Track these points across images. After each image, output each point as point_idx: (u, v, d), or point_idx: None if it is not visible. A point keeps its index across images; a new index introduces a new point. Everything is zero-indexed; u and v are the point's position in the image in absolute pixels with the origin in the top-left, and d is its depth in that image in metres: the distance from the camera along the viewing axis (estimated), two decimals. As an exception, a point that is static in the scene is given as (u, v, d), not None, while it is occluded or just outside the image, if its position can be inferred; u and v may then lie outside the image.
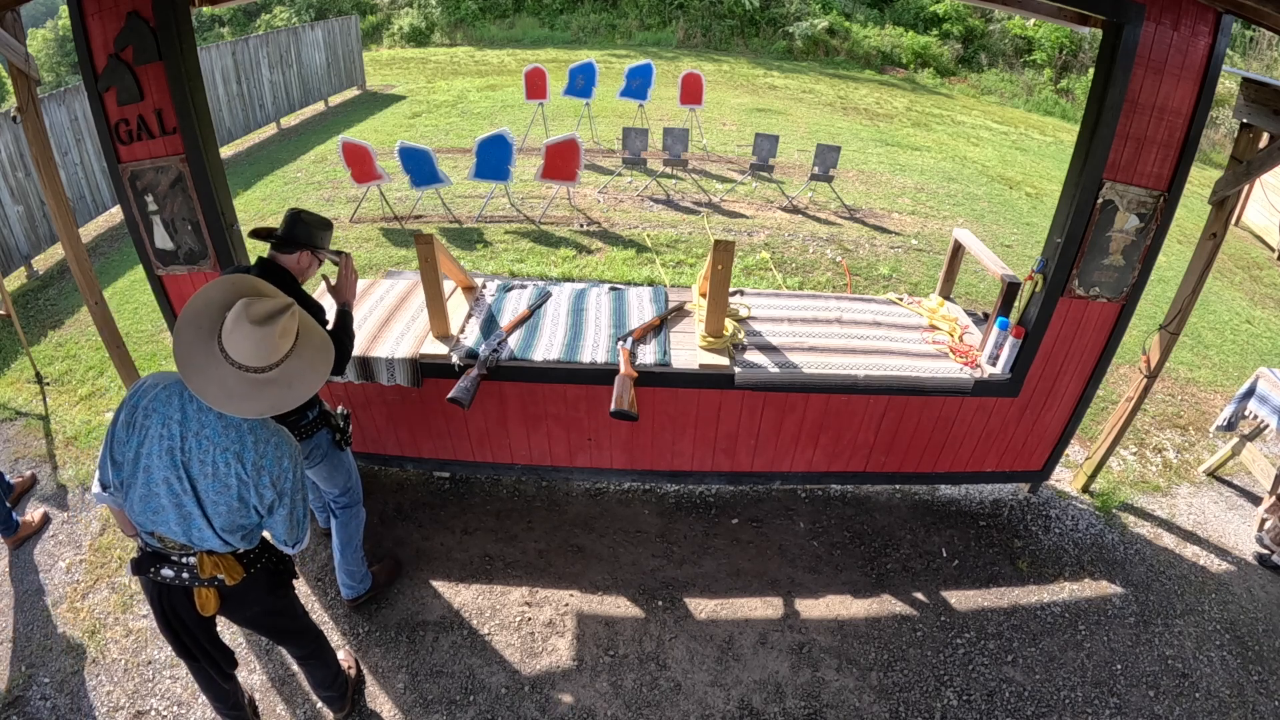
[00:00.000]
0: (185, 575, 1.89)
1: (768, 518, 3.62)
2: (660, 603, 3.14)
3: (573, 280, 5.77)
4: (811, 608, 3.16)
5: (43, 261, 6.18)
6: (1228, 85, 11.14)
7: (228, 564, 1.87)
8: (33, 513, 3.40)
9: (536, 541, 3.41)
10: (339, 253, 2.54)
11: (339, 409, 2.73)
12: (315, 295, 2.51)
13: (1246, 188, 8.03)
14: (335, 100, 11.86)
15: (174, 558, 1.88)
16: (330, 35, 11.52)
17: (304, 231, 2.38)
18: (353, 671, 2.71)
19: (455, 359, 3.07)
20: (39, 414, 4.15)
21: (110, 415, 4.08)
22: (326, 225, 2.49)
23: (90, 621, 2.93)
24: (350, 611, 3.00)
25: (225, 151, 9.25)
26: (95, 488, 1.89)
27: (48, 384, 4.41)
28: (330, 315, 2.52)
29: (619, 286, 3.75)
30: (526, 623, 3.02)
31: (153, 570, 1.90)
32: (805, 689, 2.81)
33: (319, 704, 2.64)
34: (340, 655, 2.72)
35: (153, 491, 1.78)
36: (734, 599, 3.18)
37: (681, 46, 16.54)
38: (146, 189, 2.85)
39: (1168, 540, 3.68)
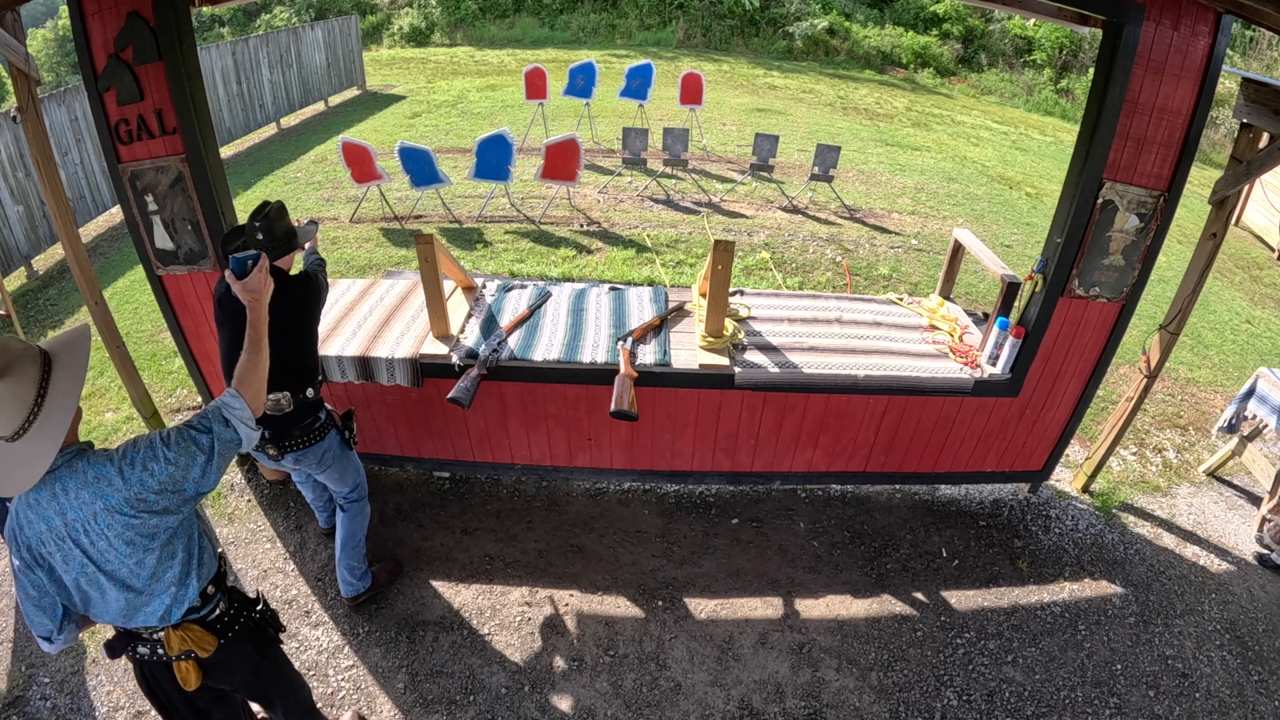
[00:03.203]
0: (160, 651, 1.75)
1: (768, 518, 3.62)
2: (660, 603, 3.13)
3: (573, 280, 5.77)
4: (811, 608, 3.16)
5: (43, 261, 6.18)
6: (1228, 85, 11.14)
7: (196, 636, 1.73)
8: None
9: (536, 541, 3.41)
10: (313, 222, 2.55)
11: (343, 409, 2.74)
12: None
13: (1246, 188, 8.03)
14: (335, 100, 11.86)
15: (144, 635, 1.75)
16: (330, 35, 11.52)
17: (284, 237, 2.36)
18: None
19: (455, 359, 3.07)
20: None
21: (111, 415, 4.09)
22: (281, 214, 2.35)
23: (90, 621, 2.93)
24: (350, 611, 3.00)
25: (225, 151, 9.26)
26: (43, 645, 1.68)
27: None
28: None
29: (619, 286, 3.75)
30: (526, 623, 3.02)
31: (130, 649, 1.78)
32: (805, 689, 2.81)
33: None
34: (346, 716, 2.61)
35: (88, 596, 1.63)
36: (734, 599, 3.18)
37: (681, 46, 16.53)
38: (146, 189, 2.85)
39: (1168, 540, 3.68)
